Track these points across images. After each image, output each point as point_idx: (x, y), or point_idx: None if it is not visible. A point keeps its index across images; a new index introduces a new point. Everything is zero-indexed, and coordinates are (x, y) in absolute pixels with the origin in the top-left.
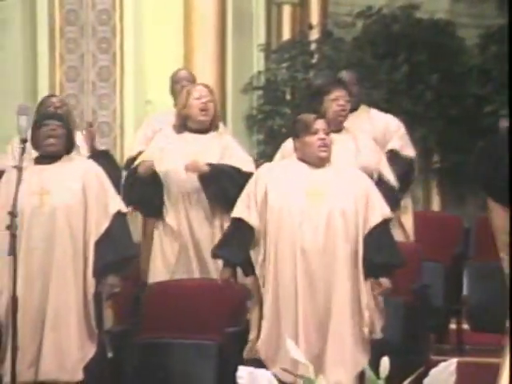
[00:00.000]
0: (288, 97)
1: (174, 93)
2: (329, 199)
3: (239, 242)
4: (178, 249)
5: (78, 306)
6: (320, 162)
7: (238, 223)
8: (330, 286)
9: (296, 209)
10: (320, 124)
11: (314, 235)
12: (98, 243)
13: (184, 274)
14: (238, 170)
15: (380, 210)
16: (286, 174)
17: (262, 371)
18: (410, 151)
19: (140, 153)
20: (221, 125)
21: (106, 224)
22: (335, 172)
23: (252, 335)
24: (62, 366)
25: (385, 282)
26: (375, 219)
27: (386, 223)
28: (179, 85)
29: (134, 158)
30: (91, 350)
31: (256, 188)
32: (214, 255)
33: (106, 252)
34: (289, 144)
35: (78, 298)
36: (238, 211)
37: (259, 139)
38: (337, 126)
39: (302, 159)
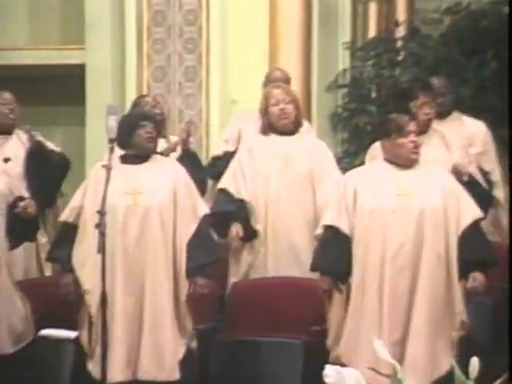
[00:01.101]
0: (373, 94)
1: None
2: (418, 200)
3: (337, 250)
4: (257, 248)
5: (172, 305)
6: (410, 164)
7: (331, 230)
8: (416, 287)
9: (386, 210)
10: (412, 126)
11: (403, 237)
12: (187, 245)
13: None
14: None
15: (471, 210)
16: (374, 176)
17: (349, 370)
18: (488, 165)
19: (226, 153)
20: (305, 124)
21: (194, 226)
22: (424, 173)
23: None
24: (160, 365)
25: (479, 277)
26: (466, 220)
27: (477, 223)
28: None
29: (219, 157)
30: (182, 350)
31: (345, 193)
32: (315, 269)
33: (198, 254)
34: (378, 145)
35: (170, 298)
36: (330, 218)
37: (344, 137)
38: (424, 128)
39: (390, 160)
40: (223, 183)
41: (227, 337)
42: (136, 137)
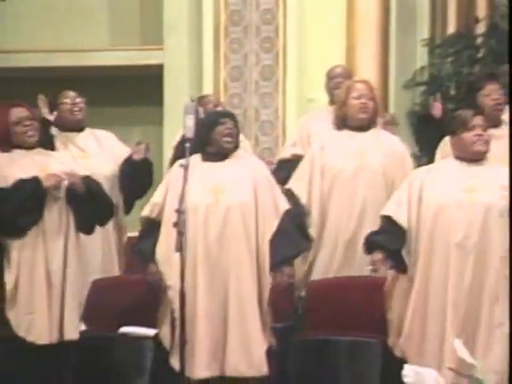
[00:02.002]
0: (452, 92)
1: (329, 90)
2: (485, 196)
3: (392, 236)
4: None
5: (256, 301)
6: (477, 157)
7: (388, 221)
8: (482, 285)
9: (451, 206)
10: (477, 120)
11: (469, 232)
12: (272, 240)
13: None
14: None
15: None
16: (442, 172)
17: (428, 370)
18: None
19: (294, 156)
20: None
21: (276, 222)
22: (492, 168)
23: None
24: (249, 361)
25: None
26: None
27: None
28: (334, 82)
29: (286, 160)
30: (265, 346)
31: (411, 186)
32: (367, 241)
33: (283, 247)
34: (446, 145)
35: (254, 294)
36: (388, 209)
37: None
38: (495, 121)
39: (459, 156)
40: (290, 184)
41: (305, 336)
42: (215, 134)
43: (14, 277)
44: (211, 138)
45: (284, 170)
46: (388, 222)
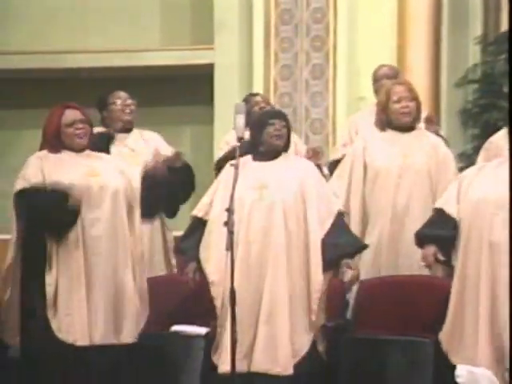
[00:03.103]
0: (505, 90)
1: (375, 90)
2: None
3: (443, 227)
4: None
5: (302, 300)
6: None
7: (439, 213)
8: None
9: (490, 200)
10: None
11: (503, 228)
12: (327, 238)
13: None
14: None
15: None
16: (492, 169)
17: (482, 370)
18: None
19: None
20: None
21: (330, 221)
22: None
23: None
24: (274, 358)
25: None
26: None
27: None
28: (379, 83)
29: (338, 161)
30: (306, 345)
31: (461, 182)
32: (419, 235)
33: (341, 244)
34: (490, 145)
35: (291, 294)
36: (440, 202)
37: (474, 133)
38: None
39: None
40: (331, 181)
41: (356, 335)
42: (265, 134)
43: (54, 278)
44: (261, 139)
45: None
46: (438, 215)
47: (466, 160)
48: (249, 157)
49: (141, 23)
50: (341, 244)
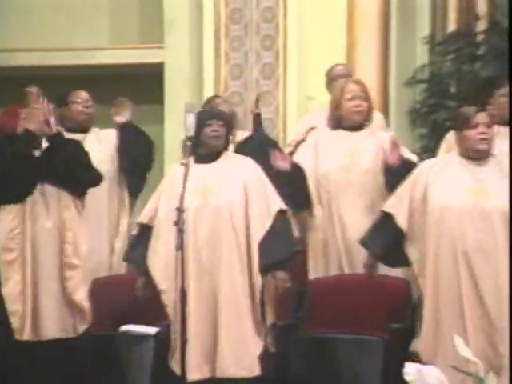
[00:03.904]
0: (453, 90)
1: (330, 90)
2: (490, 197)
3: (384, 236)
4: (325, 244)
5: (247, 302)
6: (479, 156)
7: (387, 217)
8: (497, 288)
9: (457, 207)
10: (481, 117)
11: (476, 234)
12: (263, 242)
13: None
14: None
15: None
16: (446, 170)
17: (430, 368)
18: None
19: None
20: (377, 118)
21: (269, 222)
22: (498, 167)
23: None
24: (239, 362)
25: None
26: None
27: None
28: (333, 82)
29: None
30: (260, 346)
31: (415, 185)
32: (363, 244)
33: (275, 250)
34: (451, 136)
35: (246, 295)
36: (389, 205)
37: (422, 133)
38: (504, 120)
39: (463, 154)
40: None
41: (306, 334)
42: (203, 135)
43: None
44: (200, 140)
45: None
46: (386, 219)
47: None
48: (191, 159)
49: (90, 21)
50: (276, 249)
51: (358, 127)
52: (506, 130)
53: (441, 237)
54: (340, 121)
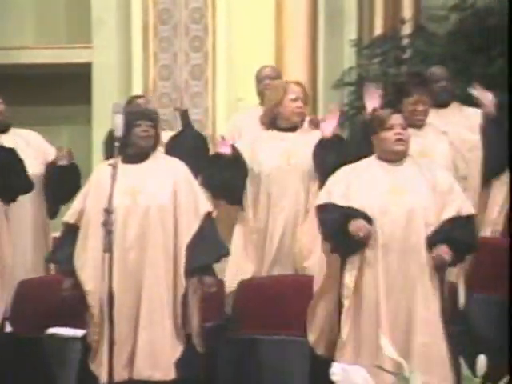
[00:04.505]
0: (380, 92)
1: (259, 91)
2: (409, 196)
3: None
4: (260, 244)
5: (169, 304)
6: (397, 157)
7: (327, 205)
8: (413, 286)
9: (377, 208)
10: (396, 119)
11: (395, 234)
12: (190, 245)
13: (265, 268)
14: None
15: (457, 205)
16: (366, 173)
17: (356, 368)
18: None
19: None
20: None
21: (196, 225)
22: (415, 168)
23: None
24: (155, 364)
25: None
26: (447, 214)
27: (467, 218)
28: (262, 83)
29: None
30: (179, 349)
31: (338, 187)
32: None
33: (202, 253)
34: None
35: (168, 297)
36: (320, 198)
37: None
38: (415, 125)
39: (381, 157)
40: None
41: (234, 335)
42: (132, 136)
43: None
44: (129, 140)
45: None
46: (329, 205)
47: None
48: (118, 159)
49: (16, 20)
50: (202, 253)
51: (292, 128)
52: (418, 130)
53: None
54: (275, 121)
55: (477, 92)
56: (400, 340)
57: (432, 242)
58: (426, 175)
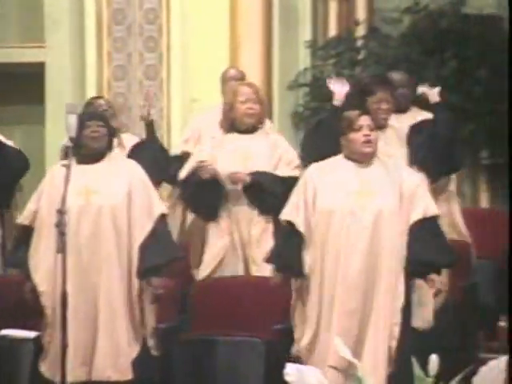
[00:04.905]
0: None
1: (224, 92)
2: (376, 198)
3: (291, 247)
4: (226, 248)
5: (125, 305)
6: (365, 159)
7: (287, 226)
8: (374, 288)
9: (344, 209)
10: (364, 120)
11: (361, 235)
12: (143, 245)
13: (231, 273)
14: (281, 179)
15: (423, 207)
16: (334, 173)
17: (310, 368)
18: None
19: (184, 153)
20: (267, 122)
21: (149, 226)
22: (383, 169)
23: (297, 335)
24: (114, 364)
25: (436, 279)
26: (415, 216)
27: (432, 220)
28: (227, 85)
29: (179, 157)
30: (136, 350)
31: (306, 190)
32: (268, 261)
33: (154, 254)
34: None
35: (124, 299)
36: (287, 213)
37: None
38: (379, 126)
39: (349, 157)
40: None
41: (189, 336)
42: (83, 137)
43: None
44: (81, 141)
45: (174, 166)
46: (288, 228)
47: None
48: (73, 160)
49: None
50: (154, 254)
51: (251, 130)
52: (380, 133)
53: (327, 238)
54: (233, 124)
55: (423, 88)
56: (352, 341)
57: (413, 269)
58: (393, 176)
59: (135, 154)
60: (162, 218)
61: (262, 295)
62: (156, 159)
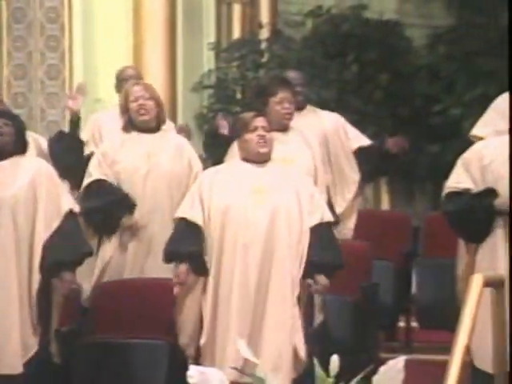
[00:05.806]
0: (238, 96)
1: (120, 92)
2: (272, 198)
3: (188, 238)
4: (132, 248)
5: (21, 301)
6: (261, 159)
7: (183, 222)
8: (268, 286)
9: (240, 208)
10: (259, 121)
11: (257, 234)
12: (49, 241)
13: (137, 272)
14: None
15: (320, 212)
16: (230, 174)
17: (213, 370)
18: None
19: (92, 153)
20: (169, 123)
21: (57, 222)
22: (278, 171)
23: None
24: (1, 358)
25: (322, 279)
26: (313, 220)
27: (327, 224)
28: (123, 84)
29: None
30: (34, 347)
31: (200, 188)
32: (166, 252)
33: (61, 250)
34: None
35: (21, 294)
36: (182, 211)
37: None
38: (282, 126)
39: (245, 158)
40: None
41: (90, 339)
42: None
43: None
44: None
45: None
46: (184, 223)
47: (201, 163)
48: None
49: None
50: (61, 250)
51: (152, 129)
52: (282, 135)
53: (223, 236)
54: (132, 123)
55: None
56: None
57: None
58: (288, 179)
59: (55, 144)
60: (71, 214)
61: (166, 296)
62: (68, 147)
